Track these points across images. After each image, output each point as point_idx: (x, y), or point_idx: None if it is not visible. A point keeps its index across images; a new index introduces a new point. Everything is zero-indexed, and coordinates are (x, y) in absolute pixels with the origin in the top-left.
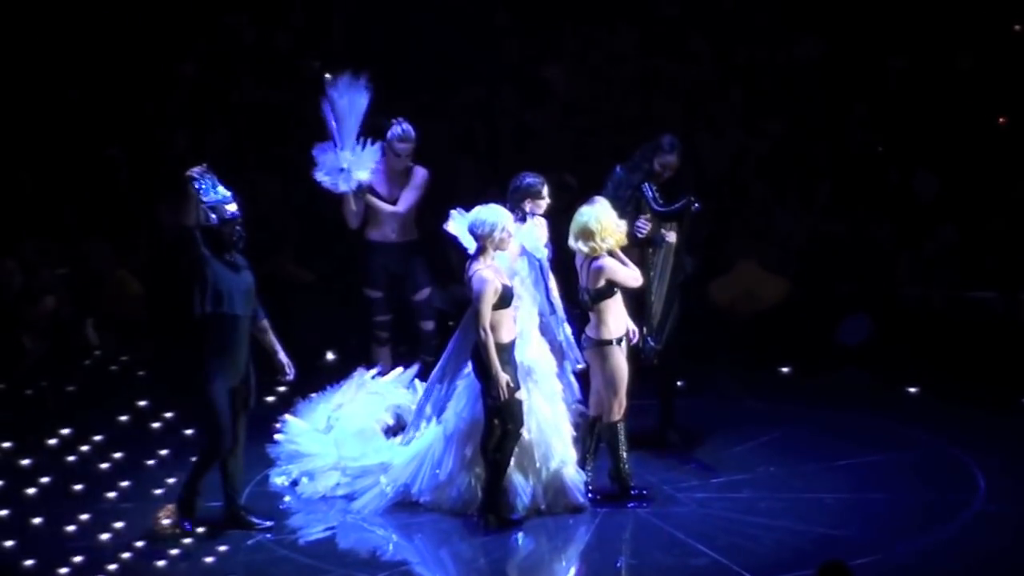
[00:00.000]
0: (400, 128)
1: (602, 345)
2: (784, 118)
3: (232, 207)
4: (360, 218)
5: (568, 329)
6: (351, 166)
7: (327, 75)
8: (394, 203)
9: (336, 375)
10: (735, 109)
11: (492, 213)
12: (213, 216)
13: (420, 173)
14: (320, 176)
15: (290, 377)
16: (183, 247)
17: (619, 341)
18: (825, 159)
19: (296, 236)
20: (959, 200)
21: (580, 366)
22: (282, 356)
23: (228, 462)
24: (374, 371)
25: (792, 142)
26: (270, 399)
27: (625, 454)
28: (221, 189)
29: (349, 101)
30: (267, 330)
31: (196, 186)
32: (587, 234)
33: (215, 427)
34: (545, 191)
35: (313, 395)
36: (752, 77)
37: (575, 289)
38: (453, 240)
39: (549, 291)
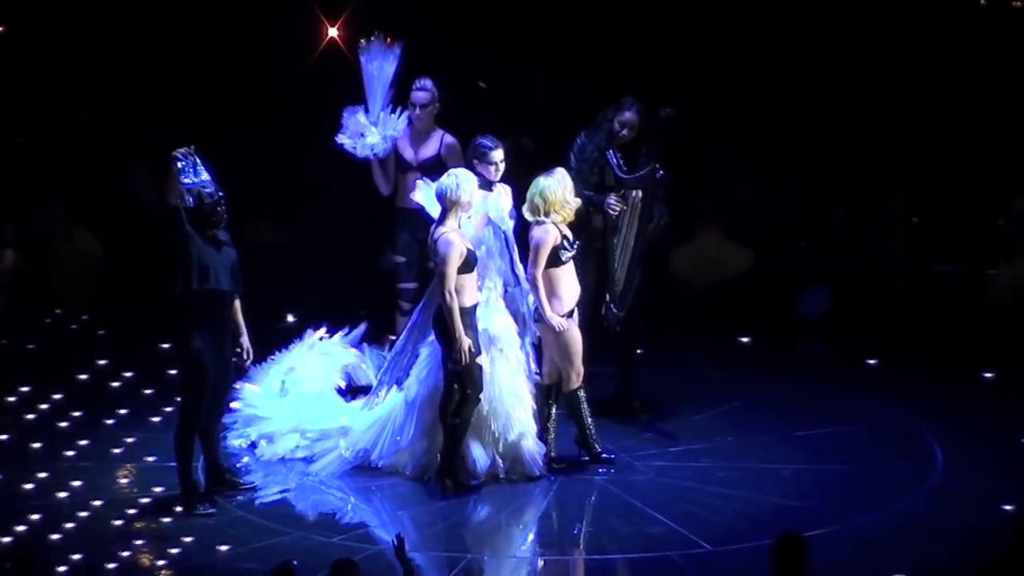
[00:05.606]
0: (418, 82)
1: None
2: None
3: (209, 189)
4: (391, 185)
5: (532, 300)
6: (369, 132)
7: (361, 41)
8: (419, 167)
9: (295, 338)
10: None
11: (456, 176)
12: (191, 198)
13: (448, 143)
14: (342, 139)
15: (248, 363)
16: (167, 225)
17: (570, 314)
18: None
19: (276, 200)
20: (919, 173)
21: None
22: (245, 340)
23: (210, 428)
24: (322, 331)
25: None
26: None
27: (589, 419)
28: (203, 172)
29: (378, 67)
30: (237, 310)
31: (179, 166)
32: (534, 207)
33: (194, 397)
34: (493, 155)
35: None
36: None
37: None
38: (420, 210)
39: (513, 262)
